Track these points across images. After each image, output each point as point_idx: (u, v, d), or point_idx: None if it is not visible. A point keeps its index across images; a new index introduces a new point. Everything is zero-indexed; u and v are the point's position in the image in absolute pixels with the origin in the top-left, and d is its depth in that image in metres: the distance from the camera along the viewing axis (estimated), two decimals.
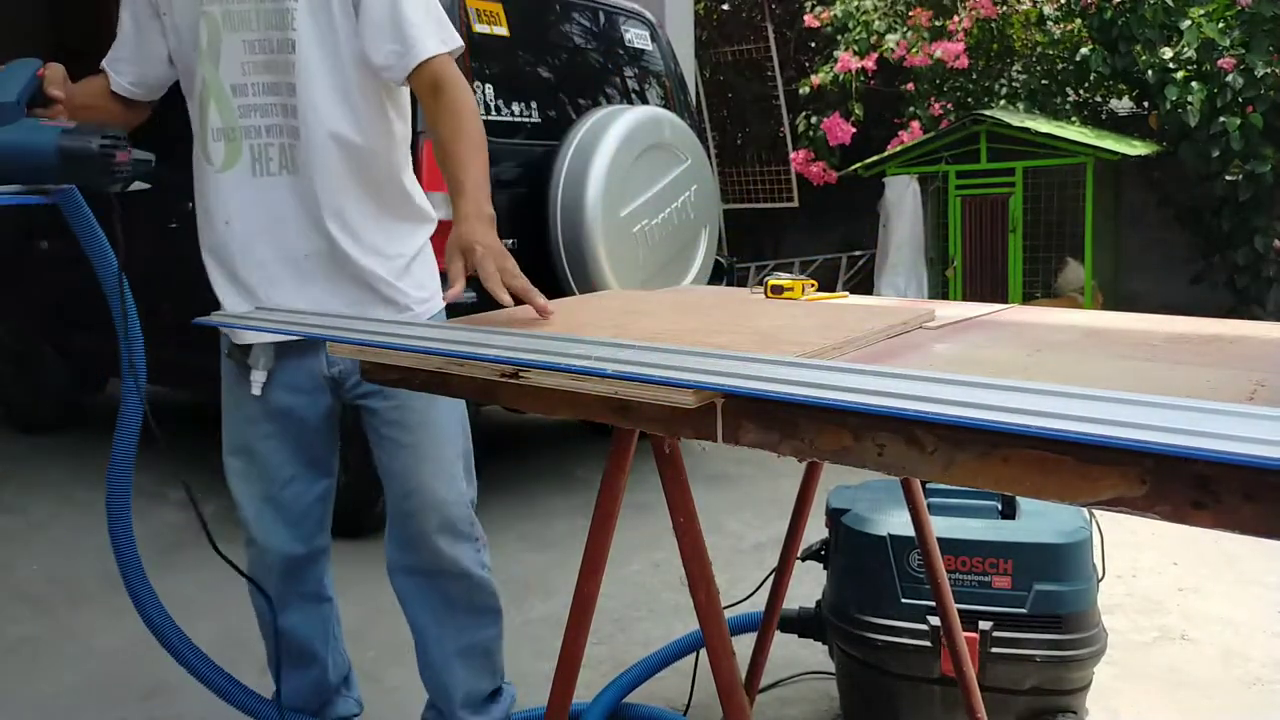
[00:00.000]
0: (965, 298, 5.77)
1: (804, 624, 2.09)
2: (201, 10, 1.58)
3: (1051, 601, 1.78)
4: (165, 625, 1.73)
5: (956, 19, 6.63)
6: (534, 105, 3.38)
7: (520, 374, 1.00)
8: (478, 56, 3.21)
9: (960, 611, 1.74)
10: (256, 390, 1.69)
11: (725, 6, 8.50)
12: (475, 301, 2.76)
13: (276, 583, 1.79)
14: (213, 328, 1.53)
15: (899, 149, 6.20)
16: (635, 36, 3.96)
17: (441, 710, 1.88)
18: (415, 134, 2.99)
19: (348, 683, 2.01)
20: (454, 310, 1.74)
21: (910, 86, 6.74)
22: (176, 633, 1.75)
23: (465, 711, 1.85)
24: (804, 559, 2.05)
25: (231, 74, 1.60)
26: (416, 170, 3.15)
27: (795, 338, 1.13)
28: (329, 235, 1.65)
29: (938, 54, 6.45)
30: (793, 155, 7.32)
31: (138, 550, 1.70)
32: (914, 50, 6.51)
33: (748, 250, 7.76)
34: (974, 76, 6.73)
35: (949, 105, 6.60)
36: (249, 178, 1.63)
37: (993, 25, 6.71)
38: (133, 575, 1.69)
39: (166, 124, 1.91)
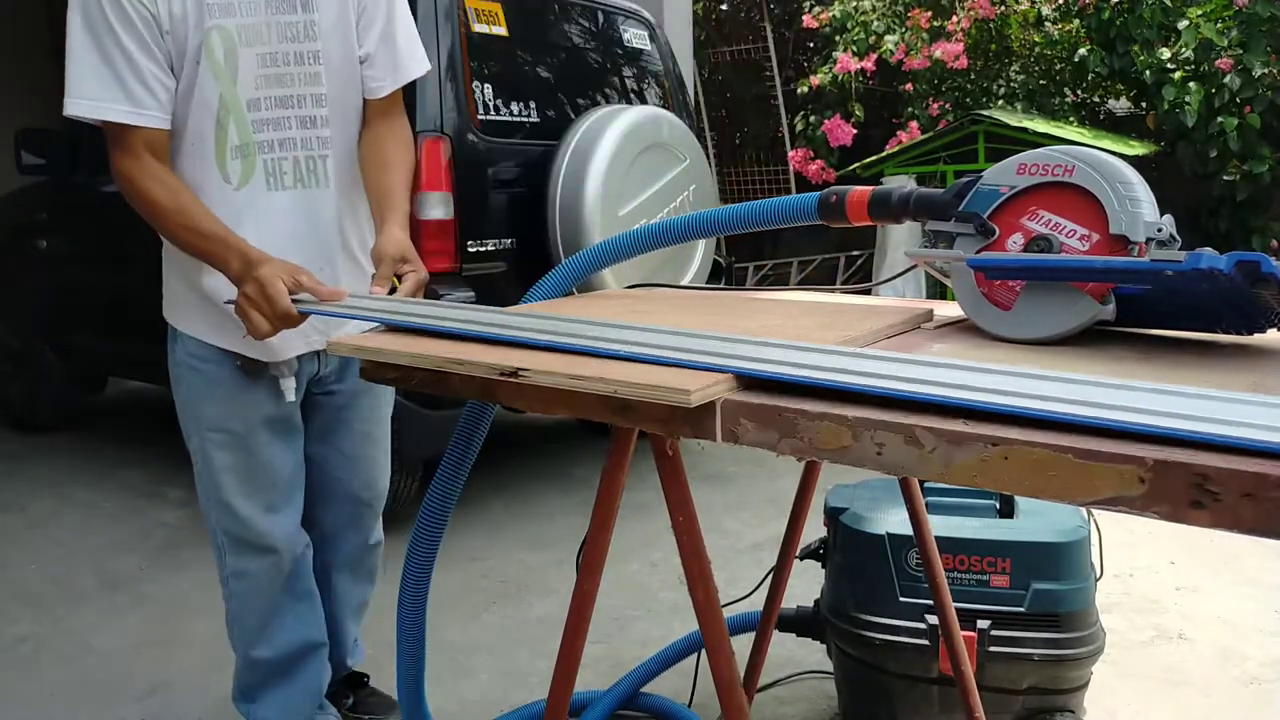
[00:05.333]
0: None
1: (802, 623, 2.09)
2: (213, 24, 1.51)
3: (1049, 600, 1.78)
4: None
5: (955, 19, 6.64)
6: (532, 105, 3.38)
7: (519, 373, 1.00)
8: (477, 56, 3.21)
9: (958, 610, 1.74)
10: (290, 396, 1.72)
11: (724, 6, 8.51)
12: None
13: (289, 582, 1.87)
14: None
15: (897, 149, 6.20)
16: (634, 36, 3.96)
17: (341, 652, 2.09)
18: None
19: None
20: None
21: (909, 87, 6.74)
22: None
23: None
24: (802, 558, 2.05)
25: (247, 89, 1.56)
26: (416, 171, 3.14)
27: (794, 336, 1.13)
28: (346, 246, 1.69)
29: (936, 54, 6.45)
30: (791, 154, 7.32)
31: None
32: (913, 53, 6.51)
33: (746, 250, 7.76)
34: (972, 77, 6.73)
35: (947, 105, 6.60)
36: (263, 193, 1.59)
37: (991, 25, 6.71)
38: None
39: None
